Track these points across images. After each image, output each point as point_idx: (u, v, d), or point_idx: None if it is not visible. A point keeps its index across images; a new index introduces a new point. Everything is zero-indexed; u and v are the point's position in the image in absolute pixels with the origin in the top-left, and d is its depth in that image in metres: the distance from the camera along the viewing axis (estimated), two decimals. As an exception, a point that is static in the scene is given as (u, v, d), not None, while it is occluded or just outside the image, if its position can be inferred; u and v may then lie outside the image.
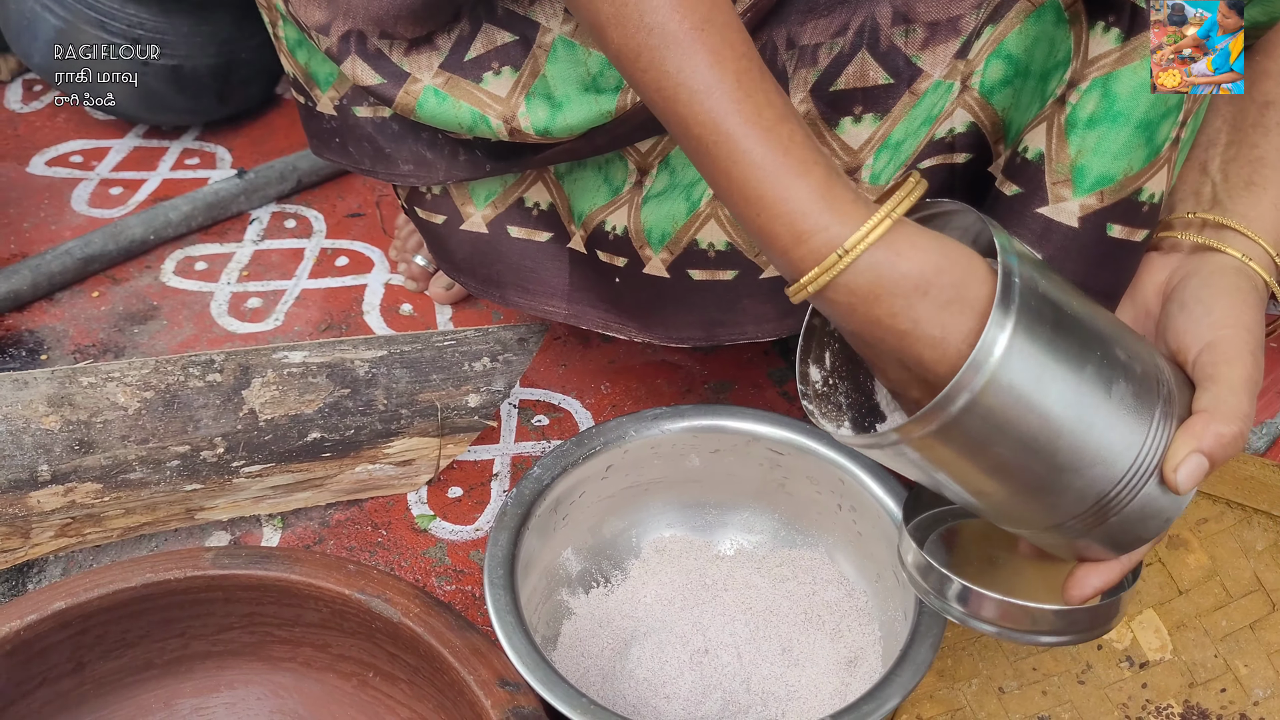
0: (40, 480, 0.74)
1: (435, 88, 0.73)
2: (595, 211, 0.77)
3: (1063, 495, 0.52)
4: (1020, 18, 0.63)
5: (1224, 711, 0.68)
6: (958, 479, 0.54)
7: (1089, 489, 0.52)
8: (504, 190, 0.81)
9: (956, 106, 0.67)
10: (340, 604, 0.63)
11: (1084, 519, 0.53)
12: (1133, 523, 0.54)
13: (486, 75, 0.72)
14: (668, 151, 0.74)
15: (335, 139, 0.84)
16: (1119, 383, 0.51)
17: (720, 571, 0.78)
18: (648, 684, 0.70)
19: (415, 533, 0.85)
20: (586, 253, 0.79)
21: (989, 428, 0.50)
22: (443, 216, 0.84)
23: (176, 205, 1.10)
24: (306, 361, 0.81)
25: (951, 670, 0.68)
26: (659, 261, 0.75)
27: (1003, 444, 0.50)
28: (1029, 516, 0.55)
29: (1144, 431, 0.52)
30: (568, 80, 0.70)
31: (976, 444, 0.51)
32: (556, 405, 0.96)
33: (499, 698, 0.58)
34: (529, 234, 0.82)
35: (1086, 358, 0.51)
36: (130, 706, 0.66)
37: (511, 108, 0.72)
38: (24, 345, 0.99)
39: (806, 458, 0.75)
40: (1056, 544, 0.57)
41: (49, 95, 1.29)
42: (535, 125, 0.71)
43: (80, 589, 0.61)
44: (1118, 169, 0.63)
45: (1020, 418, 0.50)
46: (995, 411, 0.49)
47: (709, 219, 0.72)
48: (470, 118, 0.73)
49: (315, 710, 0.67)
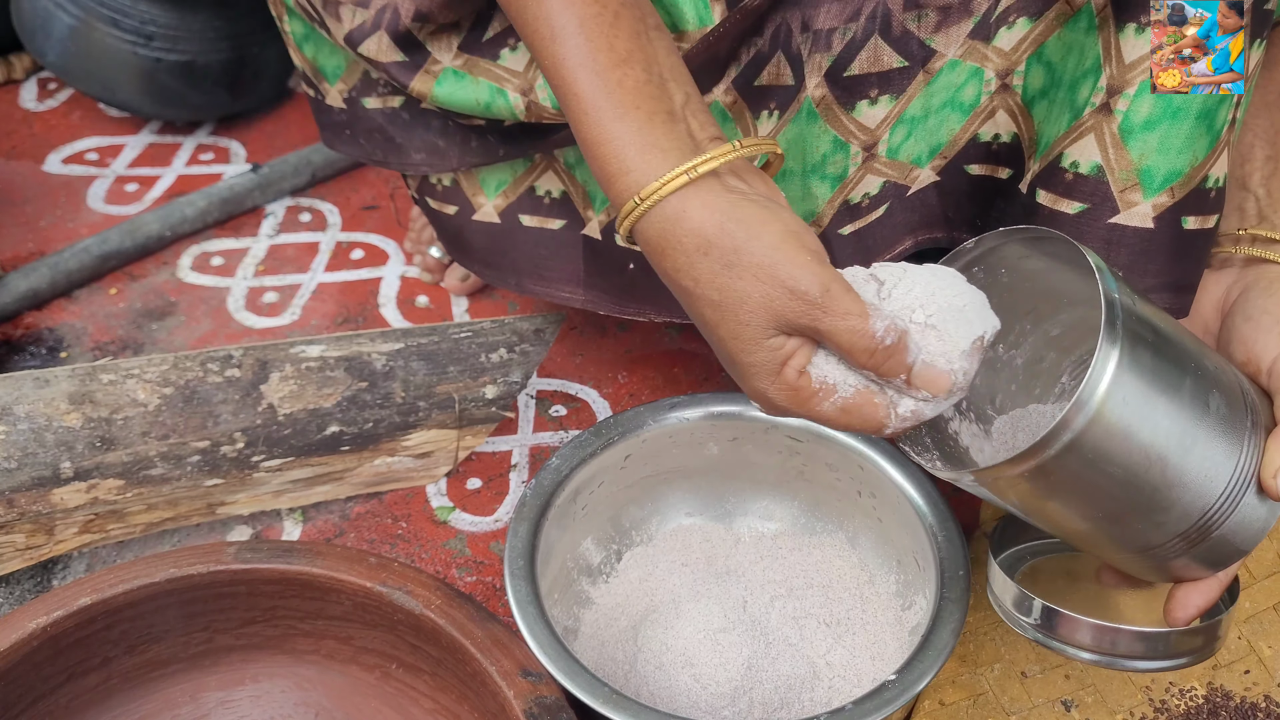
0: (63, 477, 0.75)
1: (455, 69, 0.73)
2: None
3: (1166, 516, 0.52)
4: (1060, 22, 0.63)
5: (1248, 693, 0.67)
6: (1055, 511, 0.53)
7: (1192, 507, 0.52)
8: (514, 180, 0.81)
9: (998, 107, 0.67)
10: (363, 597, 0.63)
11: (1185, 538, 0.53)
12: (1231, 536, 0.54)
13: (504, 51, 0.72)
14: None
15: (346, 131, 0.84)
16: (1214, 396, 0.51)
17: (740, 557, 0.78)
18: (669, 670, 0.70)
19: (435, 524, 0.85)
20: (602, 239, 0.79)
21: (1091, 461, 0.49)
22: (454, 207, 0.84)
23: (192, 201, 1.11)
24: (324, 355, 0.81)
25: (974, 655, 0.68)
26: None
27: (1105, 475, 0.50)
28: (1129, 541, 0.54)
29: (1240, 443, 0.52)
30: None
31: (1077, 478, 0.50)
32: (574, 395, 0.96)
33: (521, 688, 0.58)
34: (542, 222, 0.82)
35: (1184, 376, 0.50)
36: (156, 700, 0.66)
37: (529, 80, 0.72)
38: (44, 343, 0.99)
39: (825, 444, 0.75)
40: (1151, 567, 0.56)
41: (64, 93, 1.30)
42: (552, 98, 0.71)
43: (105, 585, 0.62)
44: (1184, 163, 0.62)
45: (1125, 448, 0.49)
46: (1099, 445, 0.49)
47: None
48: (488, 94, 0.73)
49: (339, 702, 0.67)
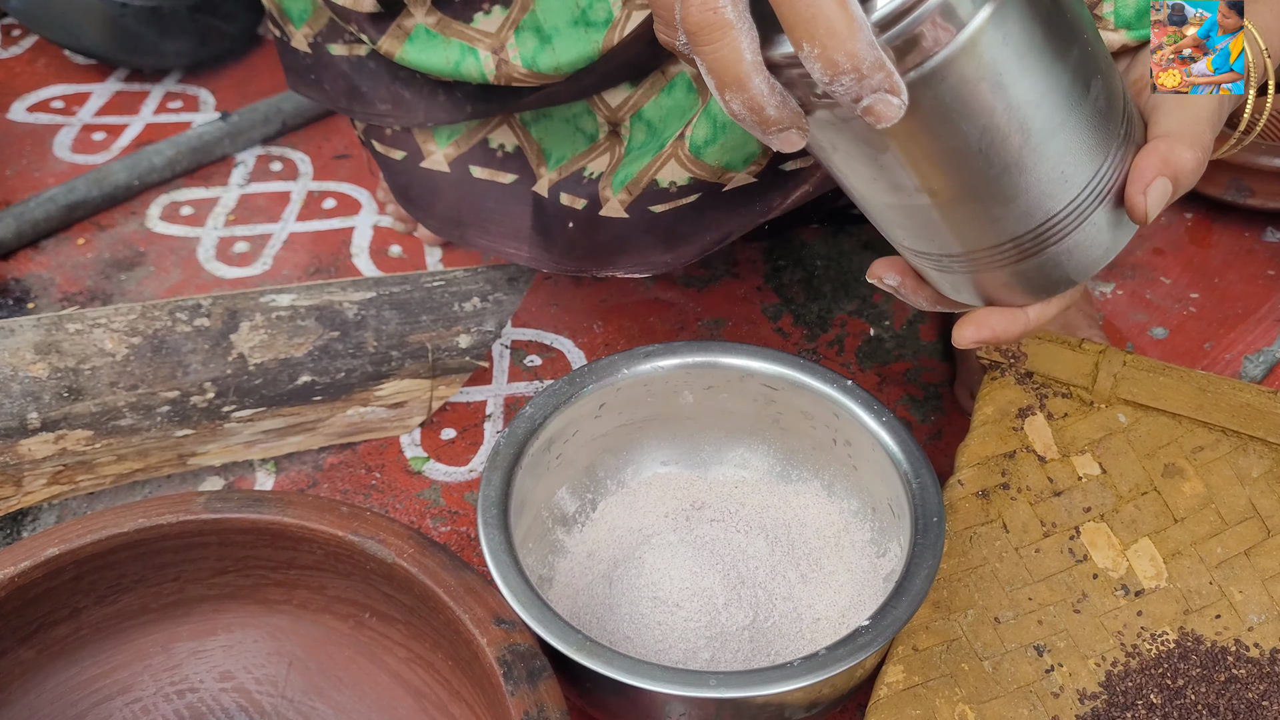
0: (30, 428, 0.74)
1: (427, 26, 0.72)
2: (577, 157, 0.76)
3: (1005, 210, 0.46)
4: None
5: (1219, 637, 0.68)
6: (888, 171, 0.46)
7: (1036, 207, 0.46)
8: (468, 130, 0.80)
9: None
10: (334, 546, 0.63)
11: (1018, 245, 0.47)
12: (1066, 257, 0.48)
13: (477, 15, 0.71)
14: (640, 106, 0.73)
15: (311, 75, 0.83)
16: (1097, 83, 0.45)
17: (716, 505, 0.78)
18: (644, 617, 0.70)
19: (409, 475, 0.85)
20: (548, 196, 0.78)
21: (949, 107, 0.42)
22: (402, 153, 0.82)
23: (160, 150, 1.09)
24: (295, 305, 0.80)
25: (947, 601, 0.69)
26: (617, 203, 0.74)
27: (958, 133, 0.43)
28: (957, 235, 0.48)
29: (1107, 150, 0.46)
30: (557, 13, 0.69)
31: (926, 129, 0.43)
32: (548, 345, 0.95)
33: (495, 635, 0.58)
34: (492, 175, 0.81)
35: (1073, 46, 0.44)
36: (128, 650, 0.66)
37: (500, 40, 0.70)
38: (11, 294, 0.98)
39: (801, 393, 0.75)
40: (964, 280, 0.51)
41: (27, 40, 1.27)
42: (524, 57, 0.70)
43: (73, 535, 0.61)
44: None
45: (989, 104, 0.42)
46: (963, 88, 0.42)
47: (670, 159, 0.70)
48: (458, 53, 0.71)
49: (312, 651, 0.67)
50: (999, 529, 0.71)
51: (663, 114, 0.72)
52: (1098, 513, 0.72)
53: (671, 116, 0.72)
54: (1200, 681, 0.66)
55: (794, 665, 0.59)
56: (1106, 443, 0.75)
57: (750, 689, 0.58)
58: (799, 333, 0.97)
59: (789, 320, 0.98)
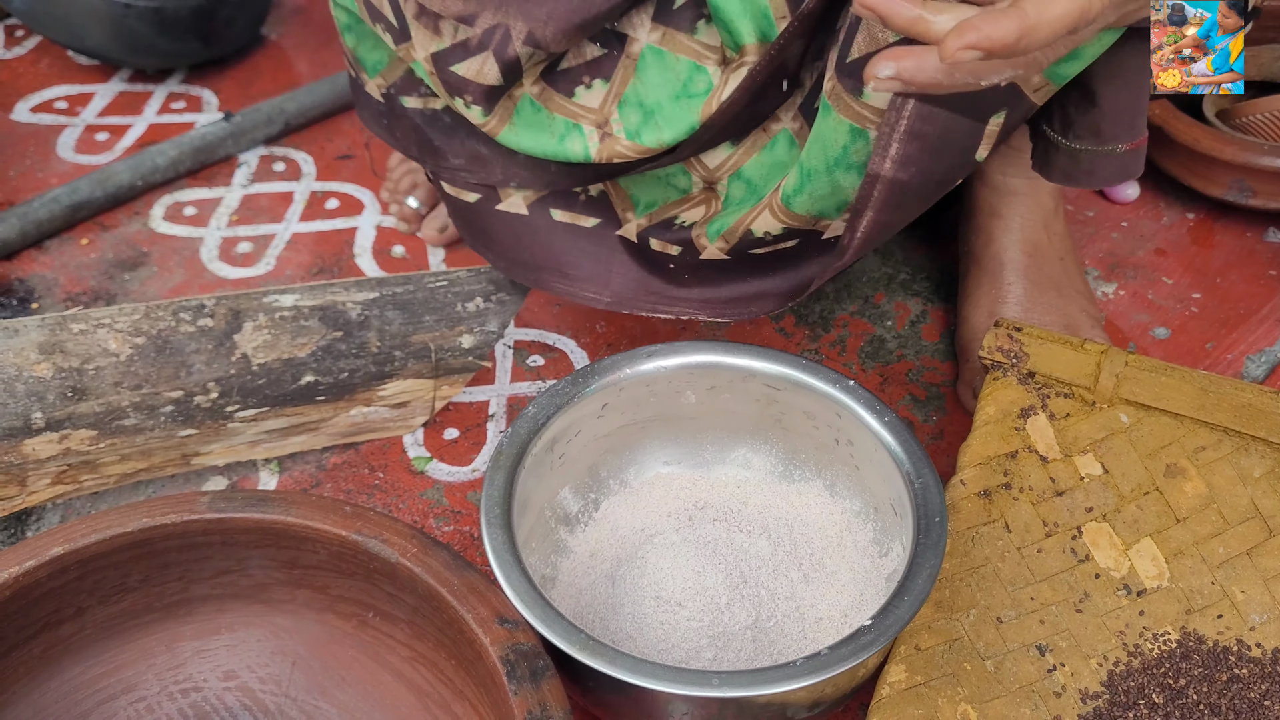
0: (34, 428, 0.74)
1: (531, 97, 0.71)
2: (668, 205, 0.76)
3: None
4: None
5: (1220, 637, 0.68)
6: None
7: None
8: None
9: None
10: (338, 545, 0.63)
11: None
12: None
13: (578, 89, 0.70)
14: (740, 165, 0.73)
15: (383, 120, 0.82)
16: None
17: (718, 505, 0.78)
18: (647, 616, 0.70)
19: (412, 475, 0.85)
20: (637, 241, 0.78)
21: None
22: (476, 195, 0.79)
23: (163, 150, 1.09)
24: (298, 305, 0.80)
25: (949, 601, 0.69)
26: (715, 249, 0.74)
27: None
28: None
29: None
30: (658, 87, 0.69)
31: None
32: (551, 345, 0.95)
33: (498, 635, 0.58)
34: (574, 219, 0.79)
35: None
36: (132, 650, 0.66)
37: (604, 115, 0.70)
38: (14, 294, 0.98)
39: (803, 393, 0.75)
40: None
41: (31, 40, 1.27)
42: (628, 130, 0.70)
43: (77, 534, 0.61)
44: None
45: None
46: None
47: (765, 210, 0.71)
48: (563, 128, 0.71)
49: (316, 651, 0.67)
50: (1001, 529, 0.72)
51: (764, 171, 0.72)
52: (1100, 513, 0.72)
53: (773, 173, 0.72)
54: (1202, 681, 0.66)
55: (796, 665, 0.59)
56: (1108, 443, 0.75)
57: (753, 688, 0.58)
58: (801, 333, 0.97)
59: (791, 320, 0.98)
